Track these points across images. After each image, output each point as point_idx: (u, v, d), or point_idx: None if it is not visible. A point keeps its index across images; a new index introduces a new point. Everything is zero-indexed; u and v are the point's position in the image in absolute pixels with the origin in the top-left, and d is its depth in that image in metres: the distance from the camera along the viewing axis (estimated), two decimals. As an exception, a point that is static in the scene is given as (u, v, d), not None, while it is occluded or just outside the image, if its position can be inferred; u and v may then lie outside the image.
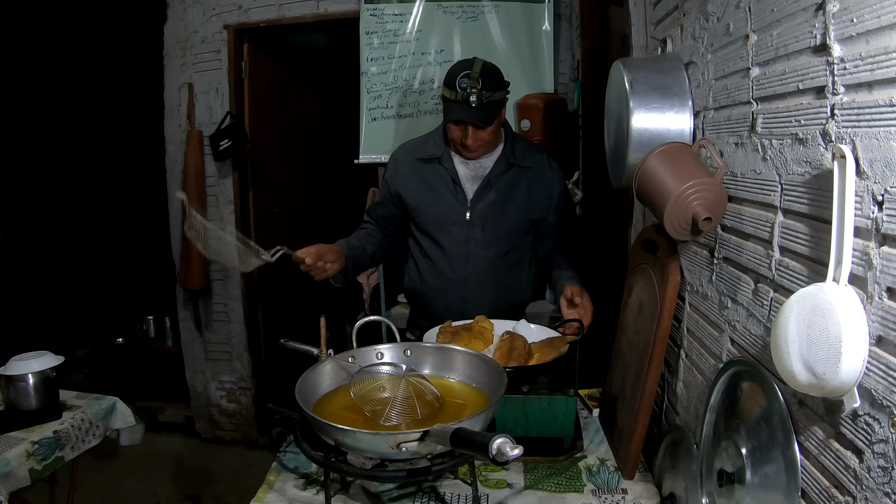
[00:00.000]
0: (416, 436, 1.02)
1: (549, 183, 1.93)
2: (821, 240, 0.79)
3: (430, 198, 1.89)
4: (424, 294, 1.97)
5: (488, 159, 1.88)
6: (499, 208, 1.87)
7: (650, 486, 1.31)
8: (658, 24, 1.55)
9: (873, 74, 0.68)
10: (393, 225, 2.01)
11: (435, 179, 1.89)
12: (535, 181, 1.91)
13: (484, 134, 1.78)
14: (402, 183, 1.92)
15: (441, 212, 1.88)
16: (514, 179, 1.88)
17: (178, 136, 3.56)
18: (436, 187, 1.88)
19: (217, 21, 3.43)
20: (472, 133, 1.77)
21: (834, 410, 0.75)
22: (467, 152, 1.83)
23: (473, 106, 1.72)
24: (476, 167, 1.89)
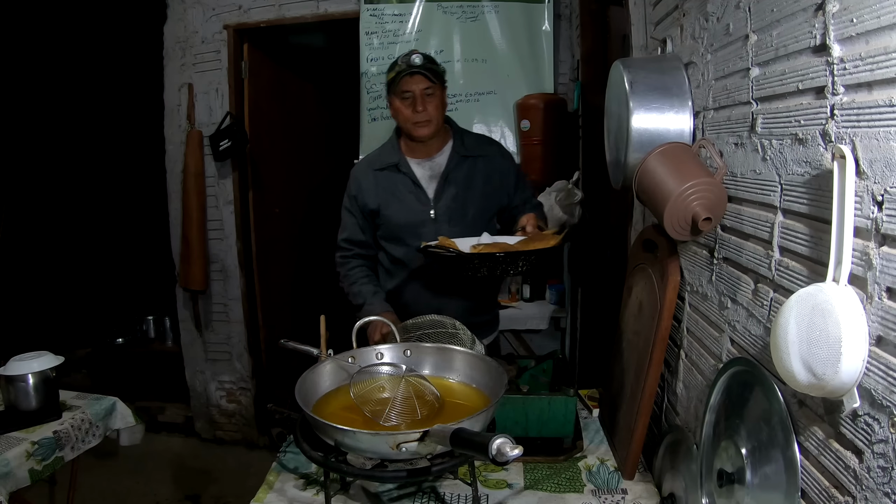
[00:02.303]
0: (415, 436, 1.02)
1: (502, 168, 2.00)
2: (821, 240, 0.79)
3: (394, 204, 1.93)
4: (401, 299, 1.99)
5: (441, 156, 1.96)
6: (461, 201, 1.93)
7: (650, 486, 1.31)
8: (658, 25, 1.55)
9: (873, 74, 0.68)
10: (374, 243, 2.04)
11: (396, 186, 1.94)
12: (491, 169, 1.98)
13: (432, 104, 1.87)
14: (367, 196, 1.96)
15: (407, 215, 1.92)
16: (470, 170, 1.95)
17: (178, 137, 3.56)
18: (398, 193, 1.94)
19: (217, 21, 3.43)
20: (422, 100, 1.86)
21: (834, 410, 0.75)
22: (419, 128, 1.88)
23: (419, 63, 1.84)
24: (432, 166, 1.95)
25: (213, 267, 3.60)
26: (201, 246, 3.47)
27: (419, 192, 1.93)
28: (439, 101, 1.92)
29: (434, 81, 1.87)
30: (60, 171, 4.54)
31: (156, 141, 3.67)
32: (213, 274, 3.60)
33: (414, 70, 1.84)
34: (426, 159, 1.96)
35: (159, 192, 3.71)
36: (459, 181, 1.93)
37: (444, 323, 1.68)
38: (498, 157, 2.02)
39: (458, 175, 1.94)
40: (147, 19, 3.59)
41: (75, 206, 4.66)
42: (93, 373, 4.28)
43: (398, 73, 1.85)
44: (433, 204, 1.92)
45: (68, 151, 4.57)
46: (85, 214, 4.70)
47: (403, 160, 1.95)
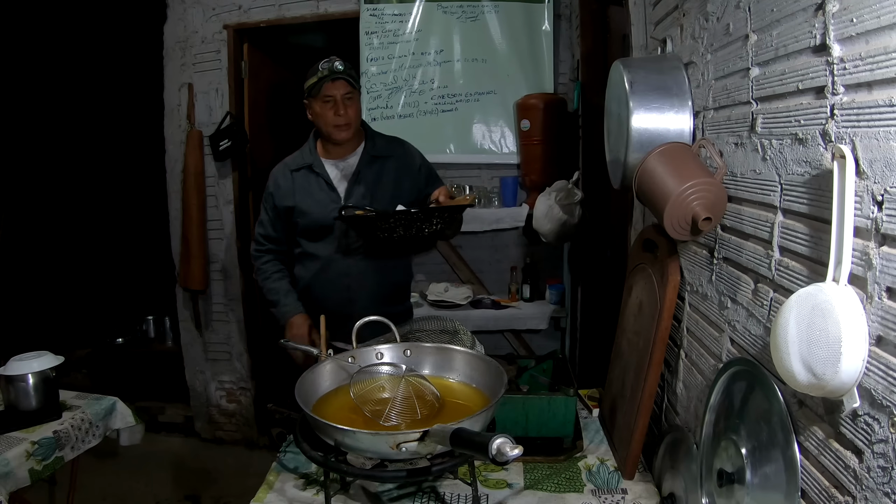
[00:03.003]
0: (415, 436, 1.02)
1: (410, 164, 2.14)
2: (821, 240, 0.79)
3: (308, 202, 2.06)
4: (315, 291, 2.12)
5: (354, 157, 2.10)
6: (370, 199, 2.04)
7: (650, 486, 1.31)
8: (658, 24, 1.55)
9: (873, 74, 0.68)
10: (289, 240, 2.17)
11: (310, 185, 2.07)
12: (400, 167, 2.11)
13: (352, 108, 2.01)
14: (283, 194, 2.09)
15: (319, 212, 2.04)
16: (380, 170, 2.09)
17: (178, 136, 3.56)
18: (312, 192, 2.06)
19: (217, 21, 3.43)
20: (343, 104, 1.98)
21: (834, 410, 0.75)
22: (339, 132, 2.01)
23: (341, 69, 1.98)
24: (344, 167, 2.09)
25: (213, 267, 3.60)
26: (201, 246, 3.48)
27: (331, 191, 2.05)
28: (357, 105, 2.05)
29: (354, 87, 2.00)
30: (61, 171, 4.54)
31: (156, 141, 3.67)
32: (213, 274, 3.60)
33: (336, 75, 1.96)
34: (340, 160, 2.09)
35: (159, 192, 3.71)
36: (369, 180, 2.06)
37: (445, 323, 1.68)
38: (406, 156, 2.15)
39: (368, 174, 2.07)
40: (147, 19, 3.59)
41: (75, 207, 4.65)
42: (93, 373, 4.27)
43: (320, 78, 1.97)
44: (343, 202, 2.04)
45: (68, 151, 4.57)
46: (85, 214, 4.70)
47: (318, 161, 2.08)
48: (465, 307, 3.21)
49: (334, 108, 1.99)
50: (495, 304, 3.23)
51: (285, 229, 2.14)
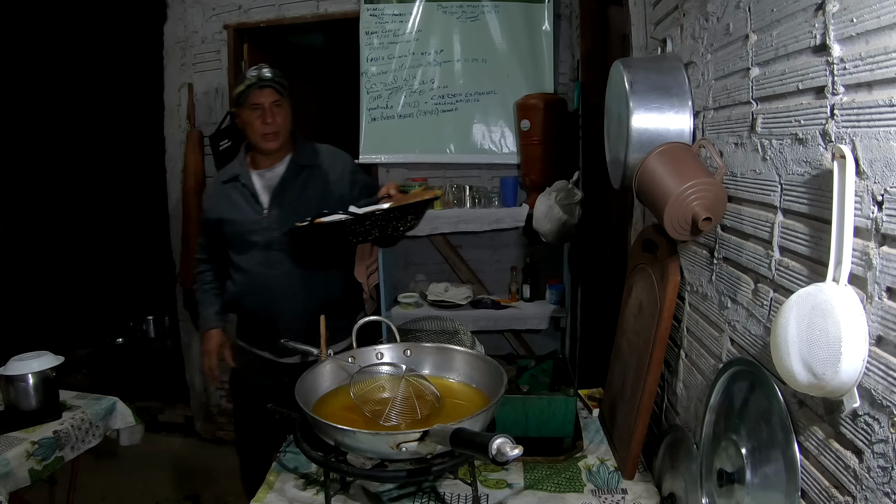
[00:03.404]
0: (416, 436, 1.02)
1: (339, 174, 2.06)
2: (821, 240, 0.79)
3: (234, 213, 2.03)
4: (243, 303, 2.09)
5: (280, 166, 2.04)
6: (293, 209, 1.96)
7: (650, 486, 1.31)
8: (658, 24, 1.55)
9: (873, 74, 0.68)
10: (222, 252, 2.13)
11: (236, 196, 2.04)
12: (328, 173, 2.05)
13: (280, 116, 1.95)
14: (213, 206, 2.08)
15: (243, 224, 2.01)
16: (307, 179, 2.02)
17: (178, 136, 3.56)
18: (238, 203, 2.03)
19: (217, 21, 3.43)
20: (271, 112, 1.94)
21: (834, 410, 0.75)
22: (268, 141, 1.96)
23: (269, 76, 1.94)
24: (270, 177, 2.03)
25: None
26: (201, 246, 3.48)
27: (255, 203, 2.01)
28: (286, 113, 1.99)
29: (282, 94, 1.95)
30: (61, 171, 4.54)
31: (156, 141, 3.67)
32: (213, 274, 3.60)
33: (264, 83, 1.92)
34: (267, 170, 2.04)
35: (159, 192, 3.71)
36: (295, 190, 2.01)
37: (445, 323, 1.68)
38: (334, 165, 2.07)
39: (293, 184, 2.01)
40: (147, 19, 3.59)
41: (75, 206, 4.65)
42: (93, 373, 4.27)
43: (248, 86, 1.92)
44: (266, 213, 2.00)
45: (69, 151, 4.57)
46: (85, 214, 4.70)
47: (245, 172, 2.04)
48: (465, 307, 3.21)
49: (262, 117, 1.94)
50: (495, 304, 3.23)
51: (216, 241, 2.11)
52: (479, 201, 3.26)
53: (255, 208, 2.01)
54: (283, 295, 2.01)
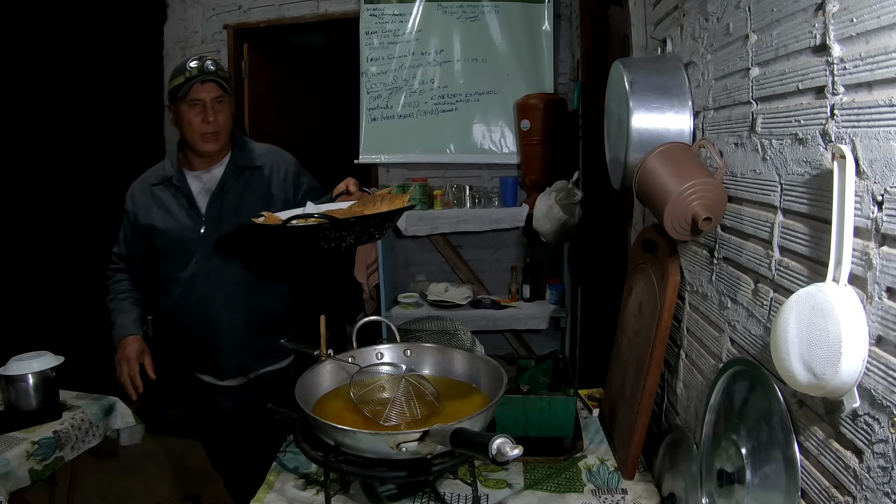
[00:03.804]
0: (416, 436, 1.02)
1: (282, 170, 1.90)
2: (821, 240, 0.79)
3: (167, 220, 1.84)
4: (179, 319, 1.91)
5: (219, 168, 1.85)
6: (234, 215, 1.82)
7: (650, 486, 1.31)
8: (658, 24, 1.55)
9: (873, 74, 0.68)
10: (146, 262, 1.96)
11: (169, 200, 1.85)
12: (271, 175, 1.88)
13: (222, 114, 1.77)
14: (140, 211, 1.87)
15: (178, 231, 1.83)
16: (248, 182, 1.85)
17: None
18: (171, 208, 1.84)
19: (217, 21, 3.44)
20: (213, 109, 1.75)
21: (834, 410, 0.75)
22: (207, 142, 1.78)
23: (213, 69, 1.74)
24: (208, 179, 1.85)
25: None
26: (201, 246, 3.48)
27: (191, 208, 1.83)
28: (228, 111, 1.82)
29: (225, 90, 1.78)
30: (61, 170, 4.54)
31: (156, 141, 3.67)
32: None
33: (207, 77, 1.73)
34: (204, 171, 1.86)
35: (159, 192, 3.71)
36: (235, 193, 1.84)
37: (445, 323, 1.68)
38: (278, 166, 1.90)
39: (233, 187, 1.84)
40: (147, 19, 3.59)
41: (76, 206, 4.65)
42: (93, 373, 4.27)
43: (188, 78, 1.72)
44: (204, 219, 1.82)
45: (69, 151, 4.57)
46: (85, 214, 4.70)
47: (179, 173, 1.85)
48: (465, 307, 3.21)
49: (202, 114, 1.75)
50: (495, 304, 3.23)
51: (141, 250, 1.93)
52: (479, 201, 3.26)
53: (192, 215, 1.83)
54: (222, 311, 1.84)
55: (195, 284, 1.84)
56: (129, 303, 1.94)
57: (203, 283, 1.83)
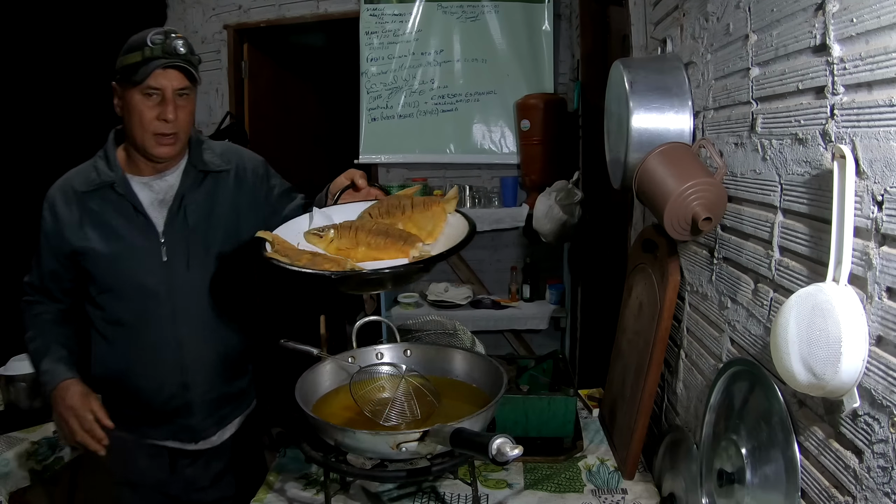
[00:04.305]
0: (416, 436, 1.02)
1: (249, 173, 1.53)
2: (821, 240, 0.79)
3: (109, 242, 1.40)
4: (130, 380, 1.46)
5: (174, 173, 1.45)
6: (202, 233, 1.45)
7: (650, 486, 1.31)
8: (658, 24, 1.55)
9: (873, 74, 0.68)
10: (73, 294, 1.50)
11: (110, 216, 1.40)
12: (240, 180, 1.51)
13: (185, 111, 1.39)
14: (69, 231, 1.41)
15: (127, 258, 1.40)
16: (213, 190, 1.47)
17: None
18: (114, 225, 1.40)
19: (217, 21, 3.44)
20: (174, 104, 1.35)
21: (834, 410, 0.75)
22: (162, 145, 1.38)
23: (183, 51, 1.34)
24: (161, 188, 1.44)
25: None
26: (201, 246, 3.48)
27: (144, 224, 1.41)
28: (193, 108, 1.43)
29: (193, 81, 1.40)
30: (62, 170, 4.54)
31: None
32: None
33: (173, 60, 1.33)
34: (155, 177, 1.44)
35: (159, 192, 3.71)
36: (199, 205, 1.45)
37: (445, 323, 1.68)
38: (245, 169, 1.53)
39: (195, 198, 1.45)
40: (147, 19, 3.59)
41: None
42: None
43: (148, 59, 1.32)
44: (164, 239, 1.41)
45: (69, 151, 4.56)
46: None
47: (122, 179, 1.41)
48: (465, 307, 3.21)
49: (160, 109, 1.34)
50: (495, 304, 3.23)
51: (63, 283, 1.48)
52: (479, 201, 3.26)
53: (147, 236, 1.41)
54: (195, 357, 1.46)
55: (159, 328, 1.42)
56: (55, 343, 1.46)
57: (167, 325, 1.42)
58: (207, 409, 1.50)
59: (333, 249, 1.24)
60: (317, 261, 1.15)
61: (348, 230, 1.25)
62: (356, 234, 1.23)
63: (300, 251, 1.20)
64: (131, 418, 1.47)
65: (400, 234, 1.23)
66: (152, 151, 1.39)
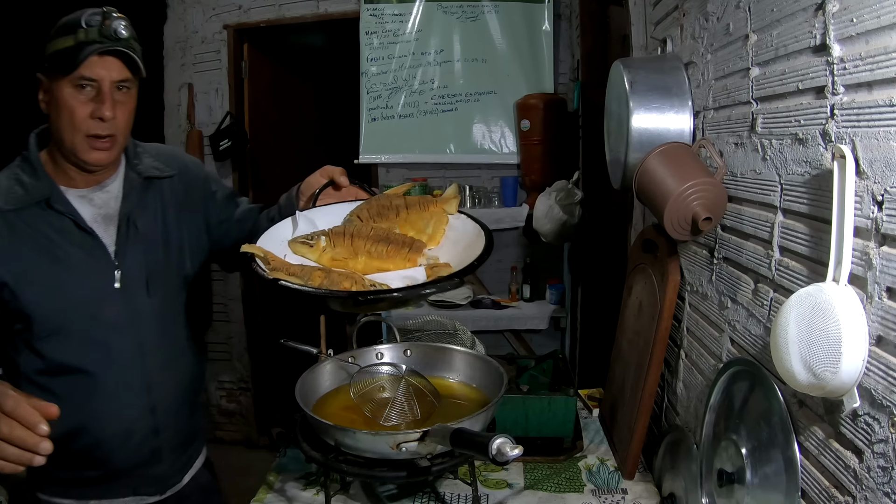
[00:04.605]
0: (416, 436, 1.02)
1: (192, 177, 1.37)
2: (821, 240, 0.79)
3: (49, 269, 1.13)
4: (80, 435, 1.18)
5: (113, 184, 1.24)
6: (158, 252, 1.26)
7: (650, 486, 1.31)
8: (658, 24, 1.55)
9: (873, 74, 0.68)
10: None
11: (47, 237, 1.14)
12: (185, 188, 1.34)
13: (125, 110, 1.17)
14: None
15: (75, 286, 1.15)
16: (160, 199, 1.29)
17: (178, 136, 3.56)
18: (55, 249, 1.15)
19: (217, 21, 3.44)
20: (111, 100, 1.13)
21: (834, 410, 0.75)
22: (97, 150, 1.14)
23: (125, 35, 1.12)
24: (102, 201, 1.22)
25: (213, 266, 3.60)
26: (201, 246, 3.48)
27: (93, 246, 1.18)
28: (133, 106, 1.20)
29: (136, 72, 1.18)
30: None
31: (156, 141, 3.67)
32: (212, 274, 3.61)
33: (112, 45, 1.10)
34: (94, 189, 1.21)
35: (159, 192, 3.71)
36: (149, 220, 1.26)
37: (445, 323, 1.68)
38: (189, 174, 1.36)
39: (144, 210, 1.25)
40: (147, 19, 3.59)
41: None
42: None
43: (82, 43, 1.08)
44: (118, 262, 1.19)
45: None
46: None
47: (57, 192, 1.16)
48: (465, 307, 3.21)
49: (96, 105, 1.11)
50: (495, 304, 3.23)
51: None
52: (479, 201, 3.26)
53: (97, 257, 1.18)
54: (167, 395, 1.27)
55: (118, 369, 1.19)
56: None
57: (132, 363, 1.21)
58: (176, 453, 1.32)
59: (327, 260, 1.10)
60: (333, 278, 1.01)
61: (342, 237, 1.11)
62: (352, 242, 1.10)
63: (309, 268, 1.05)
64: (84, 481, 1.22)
65: (403, 239, 1.11)
66: (84, 157, 1.14)
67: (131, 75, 1.17)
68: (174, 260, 1.30)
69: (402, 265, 1.10)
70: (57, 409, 0.83)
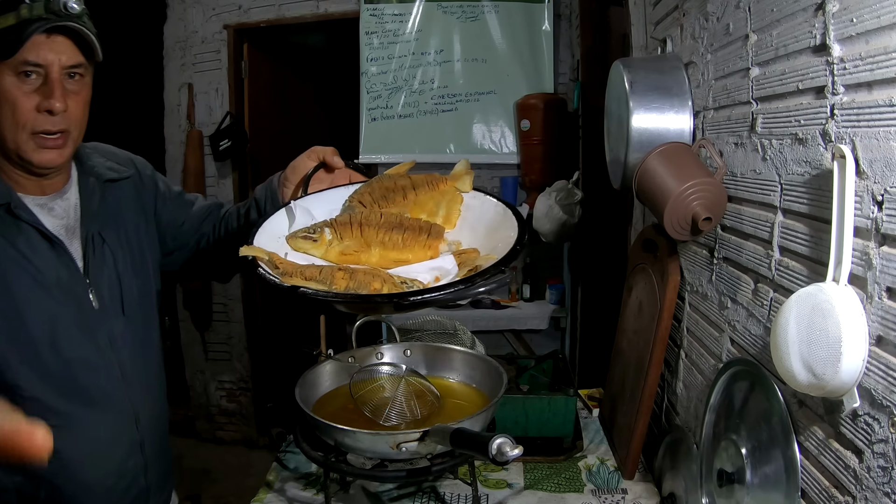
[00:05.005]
0: (416, 436, 1.02)
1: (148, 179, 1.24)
2: (821, 240, 0.79)
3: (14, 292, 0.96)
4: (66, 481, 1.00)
5: (71, 189, 1.08)
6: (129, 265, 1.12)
7: (650, 486, 1.31)
8: (658, 24, 1.55)
9: (873, 74, 0.68)
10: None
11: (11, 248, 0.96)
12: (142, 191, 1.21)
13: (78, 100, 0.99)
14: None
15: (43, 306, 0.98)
16: (120, 205, 1.15)
17: (178, 136, 3.56)
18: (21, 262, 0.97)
19: (217, 21, 3.44)
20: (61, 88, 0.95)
21: (834, 410, 0.75)
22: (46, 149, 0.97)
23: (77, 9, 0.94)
24: (63, 210, 1.06)
25: (213, 267, 3.60)
26: (201, 246, 3.49)
27: (67, 261, 1.02)
28: (88, 96, 1.03)
29: (90, 56, 1.01)
30: None
31: (156, 141, 3.67)
32: (212, 274, 3.61)
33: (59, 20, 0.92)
34: (53, 196, 1.06)
35: (159, 192, 3.71)
36: (114, 230, 1.11)
37: (444, 323, 1.68)
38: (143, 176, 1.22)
39: (106, 219, 1.11)
40: (147, 19, 3.59)
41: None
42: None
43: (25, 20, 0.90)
44: (90, 277, 1.04)
45: None
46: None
47: (17, 199, 0.99)
48: (465, 307, 3.21)
49: (42, 96, 0.94)
50: (495, 304, 3.23)
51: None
52: (479, 201, 3.26)
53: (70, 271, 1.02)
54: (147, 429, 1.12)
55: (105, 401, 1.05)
56: None
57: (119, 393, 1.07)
58: (160, 490, 1.18)
59: (335, 255, 0.98)
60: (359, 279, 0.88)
61: (349, 227, 0.98)
62: (362, 232, 0.97)
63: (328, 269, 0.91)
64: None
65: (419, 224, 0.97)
66: (31, 157, 0.96)
67: (85, 59, 0.99)
68: (142, 275, 1.15)
69: (421, 254, 0.96)
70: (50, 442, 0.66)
